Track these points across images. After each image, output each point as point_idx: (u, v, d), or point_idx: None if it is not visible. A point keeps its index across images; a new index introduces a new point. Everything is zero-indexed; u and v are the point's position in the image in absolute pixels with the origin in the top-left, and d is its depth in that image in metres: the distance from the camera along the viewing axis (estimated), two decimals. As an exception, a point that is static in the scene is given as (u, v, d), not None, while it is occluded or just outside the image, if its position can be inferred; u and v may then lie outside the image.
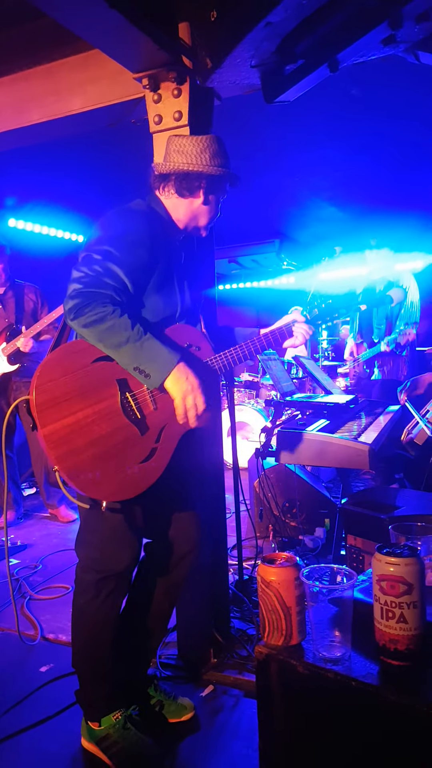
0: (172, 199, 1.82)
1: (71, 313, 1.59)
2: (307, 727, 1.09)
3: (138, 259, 1.66)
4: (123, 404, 1.65)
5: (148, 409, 1.68)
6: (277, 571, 1.12)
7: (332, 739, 1.06)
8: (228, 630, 2.42)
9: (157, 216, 1.80)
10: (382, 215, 5.43)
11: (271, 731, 1.14)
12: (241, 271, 7.68)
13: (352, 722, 1.03)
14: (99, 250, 1.63)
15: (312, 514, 3.53)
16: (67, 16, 1.84)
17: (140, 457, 1.65)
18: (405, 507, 2.17)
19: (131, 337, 1.60)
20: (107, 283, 1.60)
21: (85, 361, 1.65)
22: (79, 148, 3.89)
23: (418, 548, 1.09)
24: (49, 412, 1.58)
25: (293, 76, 2.02)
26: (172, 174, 1.78)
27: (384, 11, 1.73)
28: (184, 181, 1.78)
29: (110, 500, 1.63)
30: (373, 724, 1.00)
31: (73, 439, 1.59)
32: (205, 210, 1.83)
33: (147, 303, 1.72)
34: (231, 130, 3.43)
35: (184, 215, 1.84)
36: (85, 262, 1.62)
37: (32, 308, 4.14)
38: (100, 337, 1.60)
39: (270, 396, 5.68)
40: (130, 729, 1.83)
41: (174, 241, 1.84)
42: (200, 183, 1.78)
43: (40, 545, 3.75)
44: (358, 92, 3.41)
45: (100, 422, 1.62)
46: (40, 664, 2.36)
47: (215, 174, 1.77)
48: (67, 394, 1.60)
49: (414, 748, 0.96)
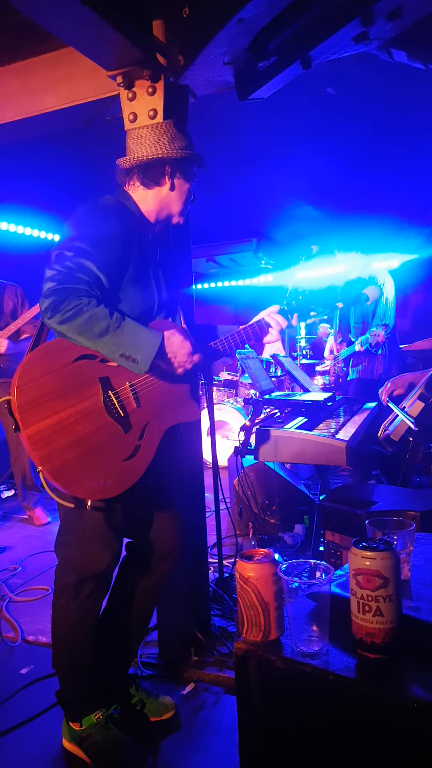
0: (138, 192, 1.80)
1: (48, 311, 1.57)
2: (286, 722, 1.10)
3: (110, 253, 1.65)
4: (106, 402, 1.64)
5: (131, 406, 1.68)
6: (255, 567, 1.13)
7: (311, 733, 1.07)
8: (209, 628, 2.42)
9: (126, 210, 1.78)
10: (357, 215, 5.49)
11: (250, 727, 1.14)
12: (219, 270, 7.70)
13: (330, 716, 1.04)
14: (70, 247, 1.61)
15: (291, 511, 3.55)
16: (39, 12, 1.82)
17: (124, 454, 1.64)
18: (381, 502, 2.19)
19: (111, 325, 1.58)
20: (81, 278, 1.59)
21: (66, 359, 1.63)
22: (51, 147, 3.86)
23: (393, 542, 1.11)
24: (32, 413, 1.57)
25: (266, 73, 2.03)
26: (134, 166, 1.77)
27: (355, 8, 1.75)
28: (147, 171, 1.76)
29: (95, 498, 1.62)
30: (351, 717, 1.01)
31: (57, 439, 1.58)
32: (174, 196, 1.82)
33: (124, 297, 1.71)
34: (208, 130, 3.43)
35: (153, 205, 1.82)
36: (57, 260, 1.61)
37: (12, 308, 4.08)
38: (80, 330, 1.58)
39: (249, 394, 5.70)
40: (111, 729, 1.82)
41: (147, 235, 1.83)
42: (163, 169, 1.76)
43: (19, 547, 3.71)
44: (334, 91, 3.43)
45: (83, 421, 1.61)
46: (21, 666, 2.34)
47: (177, 157, 1.75)
48: (48, 394, 1.59)
49: (391, 741, 0.97)
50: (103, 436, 1.63)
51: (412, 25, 1.91)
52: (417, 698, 0.94)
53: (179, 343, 1.70)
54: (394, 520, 1.31)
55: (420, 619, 1.10)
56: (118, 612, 1.94)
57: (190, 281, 2.38)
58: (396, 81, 3.22)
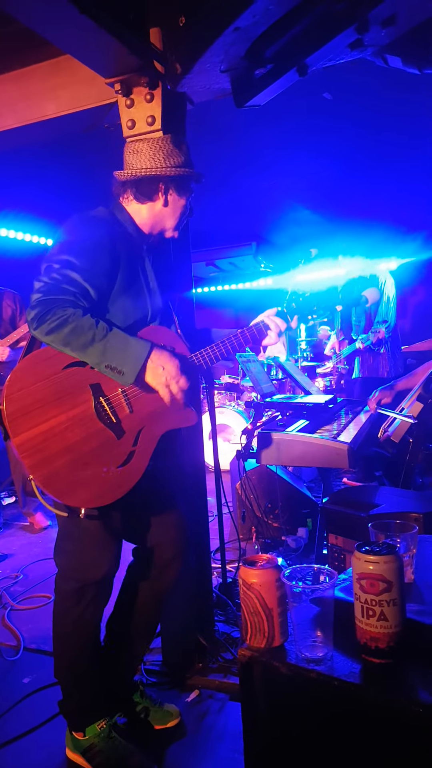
0: (132, 205, 1.81)
1: (33, 322, 1.57)
2: (291, 728, 1.10)
3: (97, 264, 1.65)
4: (97, 409, 1.64)
5: (124, 412, 1.67)
6: (258, 573, 1.12)
7: (317, 739, 1.06)
8: (212, 634, 2.41)
9: (117, 222, 1.78)
10: (355, 218, 5.50)
11: (255, 733, 1.14)
12: (218, 274, 7.71)
13: (335, 721, 1.03)
14: (58, 260, 1.62)
15: (294, 514, 3.54)
16: (37, 21, 1.83)
17: (117, 461, 1.64)
18: (384, 505, 2.19)
19: (96, 335, 1.58)
20: (67, 289, 1.59)
21: (57, 367, 1.63)
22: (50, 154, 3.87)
23: (396, 546, 1.10)
24: (21, 421, 1.57)
25: (263, 80, 2.04)
26: (128, 180, 1.77)
27: (350, 16, 1.75)
28: (140, 186, 1.76)
29: (88, 506, 1.61)
30: (357, 722, 1.01)
31: (47, 447, 1.57)
32: (168, 212, 1.82)
33: (115, 307, 1.71)
34: (207, 134, 3.45)
35: (147, 219, 1.82)
36: (45, 272, 1.61)
37: (11, 315, 4.09)
38: (66, 341, 1.57)
39: (250, 398, 5.70)
40: (114, 738, 1.81)
41: (140, 245, 1.82)
42: (157, 186, 1.76)
43: (20, 555, 3.70)
44: (332, 96, 3.45)
45: (74, 428, 1.60)
46: (23, 675, 2.33)
47: (171, 175, 1.75)
48: (38, 402, 1.59)
49: (397, 746, 0.97)
50: (95, 443, 1.62)
51: (406, 32, 1.92)
52: (422, 703, 0.93)
53: (167, 357, 1.66)
54: (397, 523, 1.30)
55: (425, 623, 1.09)
56: (124, 618, 1.94)
57: (189, 286, 2.38)
58: (393, 85, 3.23)
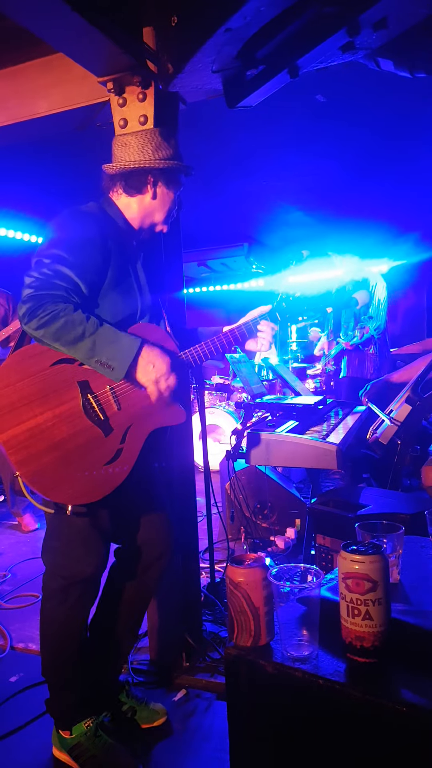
0: (122, 199, 1.81)
1: (25, 317, 1.57)
2: (276, 727, 1.10)
3: (88, 259, 1.64)
4: (85, 406, 1.64)
5: (112, 409, 1.67)
6: (245, 572, 1.13)
7: (302, 738, 1.07)
8: (200, 633, 2.42)
9: (107, 217, 1.78)
10: (347, 219, 5.53)
11: (241, 732, 1.14)
12: (210, 275, 7.72)
13: (320, 720, 1.04)
14: (48, 254, 1.62)
15: (283, 514, 3.55)
16: (29, 19, 1.82)
17: (105, 458, 1.64)
18: (371, 506, 2.20)
19: (87, 330, 1.58)
20: (58, 284, 1.59)
21: (44, 364, 1.63)
22: (42, 152, 3.86)
23: (383, 546, 1.11)
24: (7, 418, 1.57)
25: (254, 81, 2.04)
26: (117, 173, 1.77)
27: (342, 18, 1.76)
28: (129, 179, 1.76)
29: (75, 503, 1.61)
30: (341, 721, 1.01)
31: (34, 444, 1.57)
32: (157, 205, 1.81)
33: (105, 303, 1.70)
34: (199, 135, 3.45)
35: (137, 213, 1.82)
36: (35, 267, 1.61)
37: (3, 315, 4.08)
38: (56, 336, 1.57)
39: (241, 398, 5.71)
40: (101, 736, 1.81)
41: (130, 241, 1.82)
42: (146, 178, 1.76)
43: (8, 554, 3.68)
44: (324, 98, 3.46)
45: (61, 425, 1.61)
46: (10, 674, 2.32)
47: (160, 167, 1.75)
48: (25, 398, 1.59)
49: (381, 745, 0.98)
50: (82, 440, 1.62)
51: (398, 35, 1.93)
52: (406, 702, 0.94)
53: (158, 354, 1.66)
54: (384, 524, 1.31)
55: (409, 623, 1.10)
56: (108, 618, 1.93)
57: (180, 285, 2.38)
58: (385, 87, 3.25)
